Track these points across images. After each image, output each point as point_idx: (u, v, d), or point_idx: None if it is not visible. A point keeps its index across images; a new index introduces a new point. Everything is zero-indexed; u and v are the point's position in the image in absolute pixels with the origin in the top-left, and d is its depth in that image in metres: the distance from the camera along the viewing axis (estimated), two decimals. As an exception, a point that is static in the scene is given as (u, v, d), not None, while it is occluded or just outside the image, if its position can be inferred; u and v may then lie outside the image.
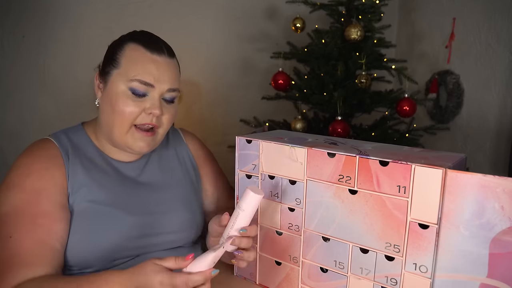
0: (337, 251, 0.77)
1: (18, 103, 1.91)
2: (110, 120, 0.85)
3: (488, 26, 1.87)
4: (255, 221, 0.86)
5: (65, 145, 0.87)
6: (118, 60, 0.84)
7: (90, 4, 1.95)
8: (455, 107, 2.04)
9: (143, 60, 0.83)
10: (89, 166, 0.87)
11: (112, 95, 0.84)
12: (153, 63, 0.84)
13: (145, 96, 0.84)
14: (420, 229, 0.66)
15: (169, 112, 0.88)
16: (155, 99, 0.84)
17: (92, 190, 0.84)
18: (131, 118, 0.84)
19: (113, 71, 0.84)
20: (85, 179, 0.84)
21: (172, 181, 0.96)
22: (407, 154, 0.73)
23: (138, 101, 0.83)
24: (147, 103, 0.84)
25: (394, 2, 2.41)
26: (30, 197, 0.79)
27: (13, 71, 1.89)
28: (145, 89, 0.83)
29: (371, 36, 1.66)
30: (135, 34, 0.88)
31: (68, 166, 0.84)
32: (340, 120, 1.53)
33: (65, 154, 0.85)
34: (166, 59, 0.86)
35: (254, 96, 1.98)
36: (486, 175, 0.60)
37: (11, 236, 0.76)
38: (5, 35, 1.85)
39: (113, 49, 0.87)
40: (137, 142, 0.86)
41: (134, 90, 0.83)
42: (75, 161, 0.85)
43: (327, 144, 0.81)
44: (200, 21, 2.18)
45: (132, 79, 0.82)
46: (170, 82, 0.86)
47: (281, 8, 2.23)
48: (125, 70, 0.83)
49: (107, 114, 0.85)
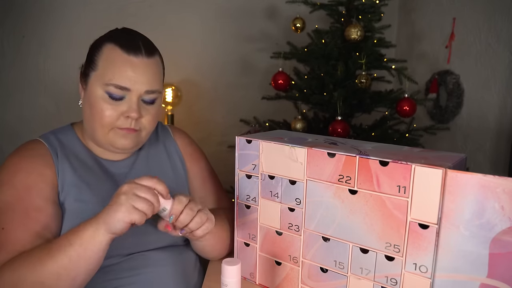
0: (337, 251, 0.77)
1: (18, 103, 1.91)
2: (91, 122, 0.85)
3: (488, 26, 1.87)
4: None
5: (54, 145, 0.87)
6: (96, 62, 0.83)
7: (90, 4, 1.95)
8: (455, 107, 2.04)
9: (119, 62, 0.82)
10: (78, 166, 0.87)
11: (91, 98, 0.84)
12: (129, 65, 0.82)
13: (123, 99, 0.83)
14: (420, 229, 0.66)
15: (149, 114, 0.86)
16: (133, 101, 0.83)
17: (81, 190, 0.84)
18: (110, 122, 0.83)
19: (92, 74, 0.84)
20: (74, 178, 0.85)
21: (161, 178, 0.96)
22: (407, 154, 0.73)
23: (116, 104, 0.83)
24: (125, 106, 0.83)
25: (394, 2, 2.41)
26: (21, 193, 0.79)
27: (13, 71, 1.89)
28: (122, 93, 0.82)
29: (371, 36, 1.66)
30: (114, 33, 0.87)
31: (57, 165, 0.84)
32: (340, 120, 1.53)
33: (54, 154, 0.85)
34: (143, 60, 0.83)
35: (254, 96, 1.98)
36: (486, 175, 0.60)
37: (3, 227, 0.76)
38: (5, 35, 1.85)
39: (92, 50, 0.86)
40: (120, 140, 0.85)
41: (111, 94, 0.82)
42: (64, 160, 0.86)
43: (327, 144, 0.81)
44: (200, 21, 2.18)
45: (108, 83, 0.81)
46: (148, 83, 0.84)
47: (281, 8, 2.23)
48: (101, 73, 0.82)
49: (88, 116, 0.86)
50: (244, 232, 0.93)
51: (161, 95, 0.89)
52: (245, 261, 0.94)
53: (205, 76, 2.21)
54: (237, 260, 0.71)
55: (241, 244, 0.94)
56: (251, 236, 0.91)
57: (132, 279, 0.84)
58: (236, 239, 0.95)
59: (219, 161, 1.11)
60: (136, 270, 0.85)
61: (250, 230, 0.91)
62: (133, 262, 0.86)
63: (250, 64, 2.30)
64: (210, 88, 2.24)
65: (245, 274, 0.95)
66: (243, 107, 2.22)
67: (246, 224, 0.92)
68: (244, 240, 0.93)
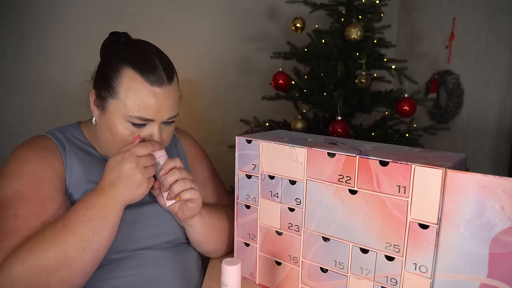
0: (337, 251, 0.77)
1: (18, 103, 1.91)
2: (109, 142, 0.86)
3: (488, 26, 1.87)
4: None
5: (61, 140, 0.88)
6: (115, 89, 0.81)
7: (89, 4, 1.95)
8: (455, 107, 2.03)
9: (143, 95, 0.80)
10: (86, 160, 0.87)
11: (111, 124, 0.83)
12: (154, 97, 0.80)
13: (145, 125, 0.83)
14: (420, 229, 0.66)
15: (167, 132, 0.88)
16: (155, 129, 0.84)
17: (87, 183, 0.85)
18: (128, 142, 0.84)
19: (111, 100, 0.82)
20: (82, 172, 0.85)
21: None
22: (407, 154, 0.73)
23: (138, 130, 0.83)
24: (147, 131, 0.84)
25: (394, 2, 2.41)
26: (33, 182, 0.79)
27: (13, 71, 1.88)
28: (145, 122, 0.83)
29: (371, 36, 1.66)
30: (129, 54, 0.83)
31: (65, 159, 0.85)
32: (340, 120, 1.53)
33: (62, 148, 0.86)
34: (165, 89, 0.82)
35: (254, 96, 1.98)
36: (486, 175, 0.60)
37: (16, 215, 0.76)
38: (5, 35, 1.85)
39: (107, 71, 0.82)
40: None
41: (134, 123, 0.82)
42: (72, 154, 0.86)
43: (327, 144, 0.81)
44: (199, 21, 2.18)
45: (131, 116, 0.81)
46: (170, 111, 0.84)
47: (281, 8, 2.22)
48: (123, 103, 0.81)
49: (106, 137, 0.85)
50: (244, 232, 0.93)
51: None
52: (245, 261, 0.94)
53: (205, 76, 2.21)
54: (237, 260, 0.71)
55: (241, 244, 0.94)
56: (251, 236, 0.91)
57: (132, 278, 0.84)
58: (236, 239, 0.95)
59: (219, 161, 1.11)
60: (136, 269, 0.85)
61: (250, 230, 0.91)
62: (134, 261, 0.86)
63: (250, 64, 2.30)
64: (210, 88, 2.24)
65: (245, 274, 0.95)
66: (243, 107, 2.22)
67: (246, 224, 0.92)
68: (244, 240, 0.93)
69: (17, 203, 0.77)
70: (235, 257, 0.96)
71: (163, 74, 0.81)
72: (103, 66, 0.85)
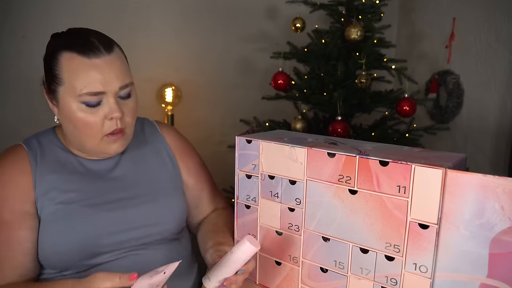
0: (337, 251, 0.77)
1: (18, 103, 1.91)
2: (77, 136, 0.85)
3: (488, 26, 1.87)
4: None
5: (34, 149, 0.87)
6: (58, 76, 0.81)
7: (89, 4, 1.95)
8: (455, 107, 2.04)
9: (83, 69, 0.79)
10: (59, 169, 0.87)
11: (68, 114, 0.82)
12: (95, 68, 0.79)
13: (100, 103, 0.82)
14: (420, 229, 0.66)
15: (128, 108, 0.86)
16: (111, 102, 0.82)
17: (62, 192, 0.85)
18: (97, 130, 0.83)
19: (59, 89, 0.82)
20: (54, 181, 0.85)
21: (146, 174, 0.95)
22: (407, 154, 0.73)
23: (95, 110, 0.82)
24: (105, 109, 0.82)
25: (394, 2, 2.41)
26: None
27: (13, 71, 1.88)
28: (98, 98, 0.81)
29: (371, 36, 1.66)
30: (64, 39, 0.83)
31: (35, 171, 0.85)
32: (340, 120, 1.53)
33: (33, 159, 0.86)
34: (106, 58, 0.81)
35: (254, 96, 1.98)
36: (486, 175, 0.60)
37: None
38: (5, 35, 1.85)
39: (49, 63, 0.83)
40: (111, 146, 0.86)
41: (87, 103, 0.81)
42: (44, 164, 0.86)
43: (327, 144, 0.81)
44: (199, 21, 2.18)
45: (81, 94, 0.80)
46: (119, 79, 0.82)
47: (281, 8, 2.23)
48: (69, 85, 0.80)
49: (72, 130, 0.85)
50: (244, 232, 0.93)
51: (134, 86, 0.88)
52: (245, 261, 0.94)
53: (205, 76, 2.21)
54: (258, 244, 0.75)
55: (241, 244, 0.94)
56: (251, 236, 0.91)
57: None
58: (236, 239, 0.95)
59: (219, 161, 1.11)
60: (127, 270, 0.85)
61: (250, 230, 0.91)
62: (126, 261, 0.86)
63: (250, 64, 2.30)
64: (210, 88, 2.24)
65: (245, 274, 0.95)
66: (243, 107, 2.22)
67: (246, 224, 0.92)
68: (244, 240, 0.93)
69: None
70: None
71: (99, 46, 0.81)
72: (45, 60, 0.85)
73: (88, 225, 0.83)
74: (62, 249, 0.82)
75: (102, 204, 0.86)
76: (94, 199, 0.86)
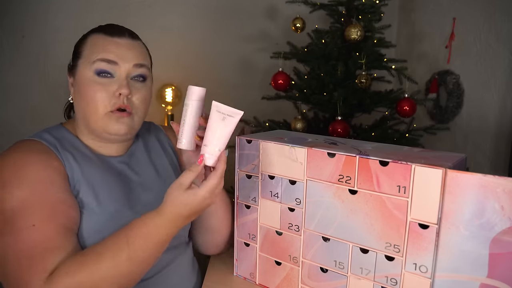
0: (337, 251, 0.77)
1: (18, 103, 1.91)
2: (84, 110, 0.84)
3: (488, 26, 1.87)
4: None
5: (51, 141, 0.84)
6: (81, 52, 0.85)
7: (90, 4, 1.95)
8: (455, 107, 2.03)
9: (103, 42, 0.84)
10: (81, 159, 0.84)
11: (81, 84, 0.84)
12: (114, 44, 0.84)
13: (112, 78, 0.83)
14: (420, 229, 0.66)
15: (140, 92, 0.86)
16: (122, 78, 0.84)
17: (88, 187, 0.82)
18: (103, 105, 0.82)
19: (78, 62, 0.85)
20: (80, 172, 0.82)
21: (160, 170, 0.96)
22: (407, 154, 0.73)
23: (106, 84, 0.82)
24: (115, 84, 0.83)
25: (394, 2, 2.41)
26: (39, 187, 0.75)
27: (13, 71, 1.89)
28: (110, 67, 0.83)
29: (371, 36, 1.66)
30: (98, 26, 0.89)
31: (61, 157, 0.82)
32: (340, 120, 1.53)
33: (54, 149, 0.82)
34: (127, 41, 0.86)
35: (254, 96, 1.98)
36: (486, 175, 0.60)
37: (34, 224, 0.72)
38: (5, 35, 1.85)
39: (77, 44, 0.88)
40: (114, 125, 0.83)
41: (99, 71, 0.82)
42: (66, 154, 0.83)
43: (327, 144, 0.81)
44: (200, 21, 2.18)
45: (95, 60, 0.82)
46: (135, 58, 0.85)
47: (281, 8, 2.22)
48: (88, 57, 0.84)
49: (81, 105, 0.85)
50: (244, 232, 0.93)
51: (150, 77, 0.90)
52: (245, 261, 0.94)
53: (204, 76, 2.21)
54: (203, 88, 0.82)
55: (241, 244, 0.94)
56: (251, 236, 0.91)
57: None
58: (236, 239, 0.95)
59: (219, 161, 1.11)
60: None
61: (250, 230, 0.91)
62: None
63: (250, 64, 2.30)
64: (210, 88, 2.23)
65: (245, 274, 0.95)
66: (243, 107, 2.21)
67: (246, 224, 0.92)
68: (244, 240, 0.93)
69: (28, 212, 0.73)
70: (235, 257, 0.96)
71: (125, 31, 0.87)
72: (76, 44, 0.89)
73: (119, 222, 0.79)
74: (93, 241, 0.78)
75: (127, 203, 0.85)
76: (120, 196, 0.85)
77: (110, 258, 0.69)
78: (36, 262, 0.68)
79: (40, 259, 0.69)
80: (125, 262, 0.70)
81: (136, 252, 0.71)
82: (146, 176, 0.93)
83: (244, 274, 0.95)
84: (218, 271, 0.99)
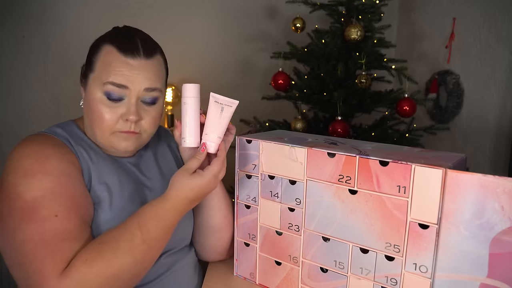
0: (337, 251, 0.77)
1: (18, 103, 1.91)
2: (92, 124, 0.83)
3: (488, 26, 1.87)
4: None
5: (63, 136, 0.84)
6: (93, 64, 0.82)
7: (90, 4, 1.96)
8: (455, 107, 2.04)
9: (115, 63, 0.80)
10: (94, 155, 0.84)
11: (90, 100, 0.82)
12: (126, 66, 0.80)
13: (122, 101, 0.81)
14: (420, 229, 0.66)
15: (150, 115, 0.84)
16: (131, 103, 0.81)
17: (101, 186, 0.82)
18: (110, 126, 0.81)
19: (90, 75, 0.83)
20: (93, 166, 0.82)
21: (166, 173, 0.95)
22: (407, 154, 0.73)
23: (114, 106, 0.80)
24: (123, 108, 0.81)
25: (394, 2, 2.41)
26: (61, 179, 0.75)
27: (13, 71, 1.89)
28: (120, 92, 0.80)
29: (371, 36, 1.66)
30: (113, 33, 0.85)
31: (76, 153, 0.82)
32: (340, 120, 1.53)
33: (68, 143, 0.82)
34: (141, 61, 0.81)
35: (254, 96, 1.98)
36: (486, 175, 0.60)
37: (57, 214, 0.71)
38: (5, 35, 1.85)
39: (91, 51, 0.85)
40: (121, 143, 0.83)
41: (109, 94, 0.80)
42: (80, 149, 0.83)
43: (327, 144, 0.81)
44: (200, 21, 2.18)
45: (105, 83, 0.79)
46: (148, 81, 0.81)
47: (281, 8, 2.23)
48: (99, 74, 0.81)
49: (89, 117, 0.84)
50: (244, 232, 0.93)
51: (163, 96, 0.87)
52: (245, 261, 0.94)
53: (205, 76, 2.21)
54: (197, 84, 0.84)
55: (241, 244, 0.94)
56: (251, 236, 0.91)
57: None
58: (236, 239, 0.95)
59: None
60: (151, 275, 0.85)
61: (250, 230, 0.91)
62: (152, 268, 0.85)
63: (250, 64, 2.30)
64: (210, 88, 2.23)
65: (245, 274, 0.95)
66: (243, 107, 2.21)
67: (246, 224, 0.92)
68: (244, 240, 0.93)
69: (52, 202, 0.72)
70: (235, 257, 0.96)
71: (140, 49, 0.82)
72: (91, 47, 0.86)
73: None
74: None
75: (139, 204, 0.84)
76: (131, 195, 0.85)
77: (126, 242, 0.71)
78: (56, 252, 0.68)
79: (60, 250, 0.69)
80: (140, 245, 0.72)
81: (150, 234, 0.73)
82: (153, 178, 0.93)
83: (244, 274, 0.95)
84: (218, 271, 0.99)
